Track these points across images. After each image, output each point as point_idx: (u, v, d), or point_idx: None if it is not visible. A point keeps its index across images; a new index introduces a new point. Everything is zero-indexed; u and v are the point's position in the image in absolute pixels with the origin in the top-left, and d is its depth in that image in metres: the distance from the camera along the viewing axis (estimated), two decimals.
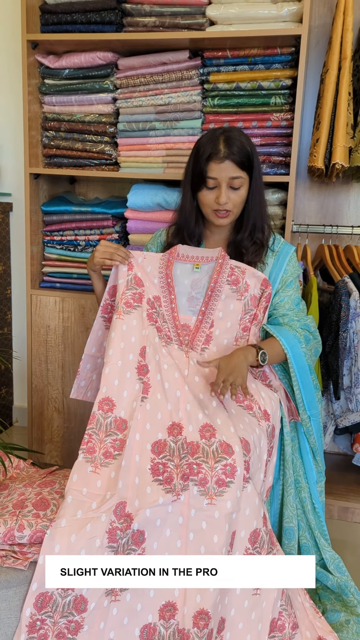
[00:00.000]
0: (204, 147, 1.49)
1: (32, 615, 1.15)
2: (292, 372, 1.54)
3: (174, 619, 1.22)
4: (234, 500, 1.25)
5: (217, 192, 1.50)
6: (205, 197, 1.53)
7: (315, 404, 1.60)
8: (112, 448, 1.33)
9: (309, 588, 1.63)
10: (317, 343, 1.63)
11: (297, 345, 1.53)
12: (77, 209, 2.16)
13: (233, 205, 1.52)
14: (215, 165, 1.47)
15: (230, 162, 1.47)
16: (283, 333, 1.53)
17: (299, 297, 1.64)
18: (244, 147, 1.48)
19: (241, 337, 1.55)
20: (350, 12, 1.79)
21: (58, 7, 2.01)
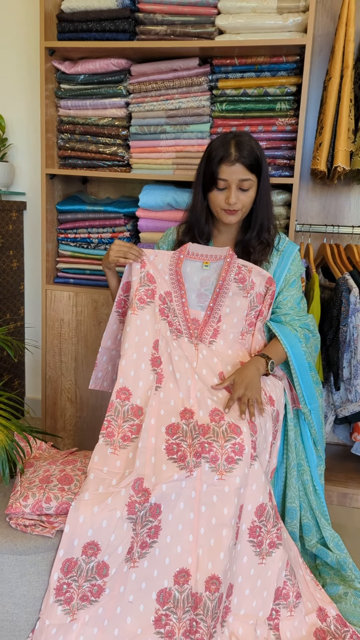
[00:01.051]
0: (216, 151, 1.59)
1: (59, 579, 1.26)
2: (293, 371, 1.64)
3: (188, 584, 1.33)
4: (242, 476, 1.36)
5: (227, 193, 1.60)
6: (216, 198, 1.63)
7: (315, 399, 1.70)
8: (129, 432, 1.44)
9: (309, 563, 1.75)
10: (316, 340, 1.74)
11: (298, 345, 1.64)
12: (91, 208, 2.26)
13: (242, 205, 1.62)
14: (226, 167, 1.57)
15: (241, 165, 1.57)
16: (285, 333, 1.63)
17: (301, 296, 1.74)
18: (254, 151, 1.58)
19: (247, 332, 1.66)
20: (352, 23, 1.90)
21: (74, 16, 2.11)
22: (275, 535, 1.44)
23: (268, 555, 1.43)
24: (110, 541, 1.27)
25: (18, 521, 1.29)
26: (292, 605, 1.47)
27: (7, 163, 2.53)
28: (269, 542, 1.43)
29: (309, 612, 1.50)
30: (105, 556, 1.28)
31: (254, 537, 1.42)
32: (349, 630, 1.47)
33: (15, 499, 1.31)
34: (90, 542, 1.26)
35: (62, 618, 1.26)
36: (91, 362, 2.30)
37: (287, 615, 1.46)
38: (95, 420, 2.35)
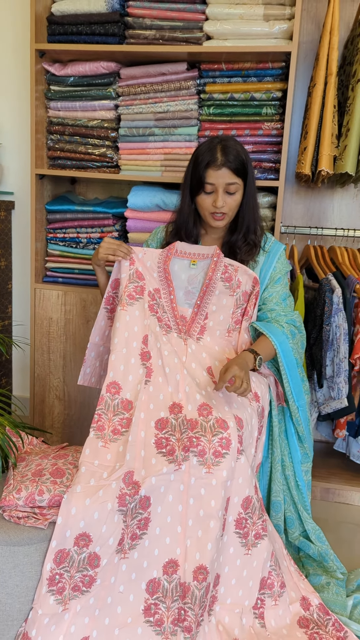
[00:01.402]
0: (203, 155, 1.63)
1: (52, 569, 1.29)
2: (282, 367, 1.68)
3: (176, 574, 1.37)
4: (229, 469, 1.41)
5: (214, 197, 1.64)
6: (203, 201, 1.67)
7: (303, 396, 1.75)
8: (119, 426, 1.47)
9: (293, 555, 1.80)
10: (302, 337, 1.79)
11: (286, 342, 1.68)
12: (80, 208, 2.29)
13: (229, 208, 1.67)
14: (212, 172, 1.62)
15: (227, 169, 1.61)
16: (273, 331, 1.66)
17: (287, 292, 1.79)
18: (240, 155, 1.63)
19: (233, 330, 1.71)
20: (336, 32, 1.95)
21: (64, 19, 2.14)
22: (261, 526, 1.49)
23: (254, 546, 1.48)
24: (101, 532, 1.31)
25: (11, 513, 1.32)
26: (276, 595, 1.51)
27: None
28: (255, 533, 1.48)
29: (292, 601, 1.55)
30: (96, 547, 1.31)
31: (240, 529, 1.46)
32: (331, 618, 1.52)
33: (9, 491, 1.34)
34: (82, 534, 1.30)
35: (54, 608, 1.29)
36: (79, 360, 2.33)
37: (272, 604, 1.51)
38: (83, 418, 2.38)
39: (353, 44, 2.10)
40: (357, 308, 2.06)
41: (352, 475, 2.30)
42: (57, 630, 1.30)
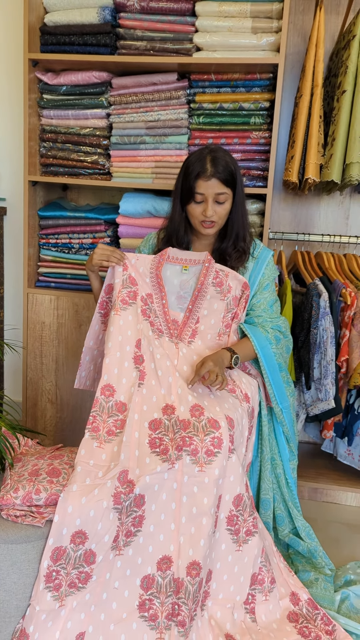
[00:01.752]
0: (193, 166, 1.68)
1: (49, 566, 1.32)
2: (263, 370, 1.73)
3: (170, 570, 1.41)
4: (221, 468, 1.45)
5: (204, 206, 1.70)
6: (193, 210, 1.72)
7: (286, 398, 1.80)
8: (114, 427, 1.51)
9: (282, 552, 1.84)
10: (288, 342, 1.84)
11: (268, 347, 1.73)
12: (72, 214, 2.33)
13: (218, 217, 1.72)
14: (202, 182, 1.67)
15: (216, 180, 1.66)
16: (256, 334, 1.72)
17: (274, 299, 1.84)
18: (229, 166, 1.68)
19: (224, 333, 1.75)
20: (322, 45, 2.02)
21: (57, 29, 2.18)
22: (252, 523, 1.53)
23: (245, 542, 1.52)
24: (97, 530, 1.34)
25: (9, 512, 1.35)
26: (267, 590, 1.56)
27: None
28: (246, 530, 1.52)
29: (282, 596, 1.59)
30: (92, 544, 1.35)
31: (231, 526, 1.51)
32: (320, 612, 1.57)
33: (6, 491, 1.37)
34: (78, 531, 1.33)
35: (51, 604, 1.32)
36: (71, 364, 2.36)
37: (263, 600, 1.55)
38: (75, 421, 2.41)
39: (338, 57, 2.17)
40: (343, 312, 2.12)
41: (339, 475, 2.36)
42: (54, 626, 1.33)
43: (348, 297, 2.09)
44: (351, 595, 1.68)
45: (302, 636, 1.51)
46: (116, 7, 2.14)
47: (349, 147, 2.01)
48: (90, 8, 2.14)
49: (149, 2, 2.10)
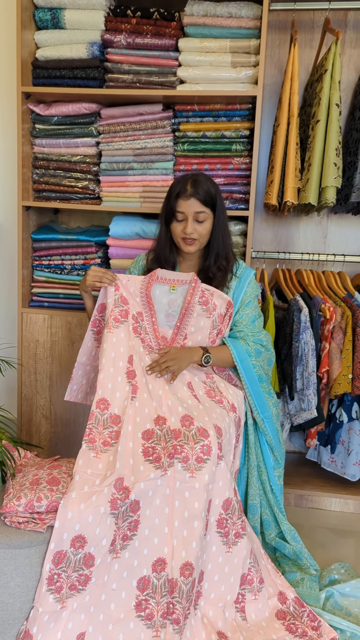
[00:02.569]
0: (175, 187, 1.82)
1: (50, 570, 1.41)
2: (243, 382, 1.85)
3: (164, 571, 1.50)
4: (210, 473, 1.55)
5: (184, 224, 1.82)
6: (175, 228, 1.85)
7: (267, 408, 1.91)
8: (109, 438, 1.61)
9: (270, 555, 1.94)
10: (270, 355, 1.95)
11: (247, 358, 1.85)
12: (64, 237, 2.44)
13: (198, 235, 1.84)
14: (182, 201, 1.80)
15: (195, 199, 1.79)
16: (235, 345, 1.84)
17: (256, 315, 1.96)
18: (208, 188, 1.81)
19: None
20: (296, 78, 2.17)
21: (48, 64, 2.31)
22: (240, 526, 1.63)
23: (234, 544, 1.62)
24: (95, 534, 1.43)
25: (12, 519, 1.44)
26: (256, 590, 1.65)
27: None
28: (235, 532, 1.62)
29: (270, 596, 1.69)
30: (91, 548, 1.43)
31: (221, 528, 1.60)
32: (306, 610, 1.66)
33: (9, 499, 1.45)
34: (77, 536, 1.42)
35: (53, 605, 1.41)
36: (65, 380, 2.46)
37: (252, 599, 1.64)
38: (69, 435, 2.50)
39: (312, 88, 2.32)
40: (323, 326, 2.24)
41: (323, 482, 2.46)
42: (56, 627, 1.41)
43: (327, 312, 2.22)
44: (335, 594, 1.77)
45: (290, 632, 1.60)
46: (104, 43, 2.28)
47: (324, 172, 2.15)
48: (79, 44, 2.28)
49: (134, 38, 2.24)
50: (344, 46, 2.47)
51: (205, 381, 1.79)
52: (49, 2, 2.27)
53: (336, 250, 2.61)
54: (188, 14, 2.21)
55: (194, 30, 2.22)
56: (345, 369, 2.20)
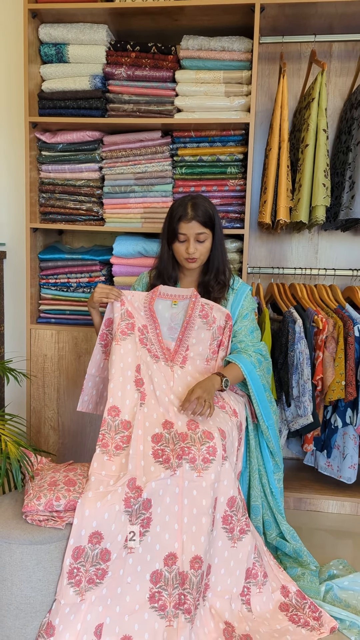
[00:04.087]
0: (176, 211, 1.95)
1: (70, 564, 1.51)
2: (251, 393, 1.95)
3: (175, 565, 1.60)
4: (216, 473, 1.67)
5: (187, 245, 1.96)
6: (178, 249, 1.99)
7: (271, 416, 2.03)
8: (121, 442, 1.72)
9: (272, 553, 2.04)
10: (268, 363, 2.08)
11: (254, 370, 1.97)
12: (69, 256, 2.58)
13: (200, 253, 1.98)
14: (184, 224, 1.94)
15: (196, 222, 1.93)
16: (242, 361, 1.94)
17: (254, 326, 2.09)
18: (207, 210, 1.95)
19: (211, 359, 1.99)
20: (286, 106, 2.34)
21: (53, 95, 2.47)
22: (245, 523, 1.74)
23: (239, 540, 1.73)
24: (111, 530, 1.54)
25: (33, 517, 1.54)
26: (260, 583, 1.76)
27: None
28: (239, 528, 1.73)
29: (274, 590, 1.79)
30: (107, 544, 1.54)
31: (226, 525, 1.71)
32: (307, 602, 1.77)
33: (30, 499, 1.56)
34: (95, 532, 1.53)
35: (73, 598, 1.51)
36: (72, 392, 2.57)
37: (257, 592, 1.75)
38: (77, 446, 2.60)
39: (301, 114, 2.49)
40: (316, 336, 2.38)
41: (321, 486, 2.58)
42: (76, 618, 1.51)
43: (320, 323, 2.36)
44: (334, 587, 1.88)
45: (293, 622, 1.71)
46: (105, 75, 2.44)
47: (314, 192, 2.31)
48: (82, 76, 2.44)
49: (134, 70, 2.40)
50: (329, 75, 2.65)
51: None
52: (54, 38, 2.44)
53: (327, 264, 2.76)
54: (184, 47, 2.38)
55: (189, 63, 2.39)
56: (339, 376, 2.33)
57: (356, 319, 2.37)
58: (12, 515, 1.58)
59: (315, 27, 2.45)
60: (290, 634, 1.66)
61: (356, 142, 2.31)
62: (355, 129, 2.34)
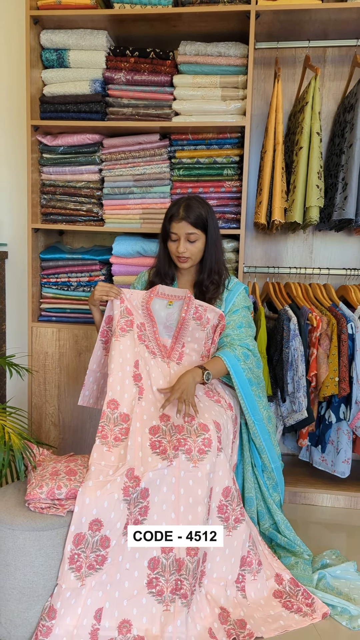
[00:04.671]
0: (170, 210, 2.02)
1: (71, 550, 1.57)
2: (235, 385, 1.98)
3: (172, 552, 1.67)
4: (211, 464, 1.73)
5: (177, 244, 2.03)
6: (170, 247, 2.05)
7: (258, 411, 2.05)
8: (119, 434, 1.79)
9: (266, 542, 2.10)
10: (257, 359, 2.08)
11: (237, 364, 1.99)
12: (70, 256, 2.64)
13: (191, 253, 2.04)
14: (175, 224, 2.00)
15: (186, 222, 1.98)
16: (226, 355, 1.97)
17: (243, 322, 2.09)
18: (200, 212, 1.99)
19: (206, 355, 2.05)
20: (280, 110, 2.40)
21: (54, 99, 2.54)
22: (239, 512, 1.81)
23: (234, 528, 1.79)
24: (110, 518, 1.60)
25: (36, 505, 1.60)
26: (255, 571, 1.82)
27: None
28: (234, 518, 1.79)
29: (268, 577, 1.85)
30: (107, 531, 1.60)
31: (222, 514, 1.77)
32: (300, 589, 1.83)
33: (32, 488, 1.62)
34: (95, 520, 1.59)
35: (74, 583, 1.57)
36: (72, 389, 2.63)
37: (252, 579, 1.81)
38: (77, 441, 2.66)
39: (295, 118, 2.56)
40: (310, 333, 2.44)
41: (315, 480, 2.64)
42: (76, 603, 1.57)
43: (314, 321, 2.42)
44: (327, 576, 1.94)
45: (286, 608, 1.77)
46: (105, 80, 2.51)
47: (308, 193, 2.37)
48: (82, 81, 2.51)
49: (133, 75, 2.47)
50: (323, 79, 2.71)
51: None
52: (55, 44, 2.50)
53: (321, 264, 2.83)
54: (181, 53, 2.45)
55: (187, 68, 2.46)
56: (332, 373, 2.40)
57: (349, 317, 2.43)
58: (16, 503, 1.65)
59: (309, 33, 2.52)
60: (284, 619, 1.72)
61: (349, 144, 2.37)
62: (348, 131, 2.41)
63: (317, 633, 1.69)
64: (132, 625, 1.60)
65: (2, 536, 1.56)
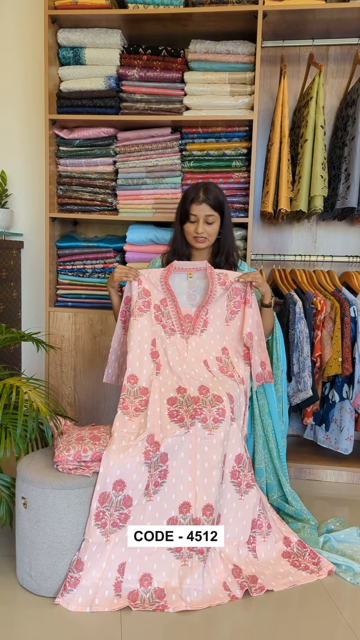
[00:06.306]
0: (189, 194, 2.15)
1: (97, 507, 1.70)
2: (277, 340, 2.26)
3: (189, 512, 1.79)
4: (225, 432, 1.86)
5: (196, 225, 2.15)
6: (188, 228, 2.18)
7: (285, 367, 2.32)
8: (139, 405, 1.91)
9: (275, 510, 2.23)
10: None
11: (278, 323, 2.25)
12: (85, 244, 2.77)
13: (208, 234, 2.17)
14: (195, 206, 2.13)
15: (206, 204, 2.12)
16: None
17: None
18: (217, 195, 2.14)
19: (230, 319, 2.13)
20: (286, 104, 2.53)
21: (71, 95, 2.67)
22: (250, 478, 1.93)
23: (245, 493, 1.92)
24: (132, 479, 1.73)
25: (64, 466, 1.73)
26: (265, 533, 1.95)
27: (8, 209, 3.02)
28: (246, 483, 1.92)
29: (277, 540, 1.98)
30: (129, 491, 1.73)
31: (234, 479, 1.90)
32: (307, 549, 1.96)
33: (60, 451, 1.75)
34: (118, 480, 1.72)
35: (100, 538, 1.69)
36: (88, 371, 2.76)
37: (262, 541, 1.94)
38: (92, 421, 2.79)
39: (300, 112, 2.69)
40: (315, 317, 2.57)
41: (319, 457, 2.77)
42: (102, 557, 1.70)
43: (318, 304, 2.55)
44: (332, 539, 2.07)
45: (294, 567, 1.90)
46: (119, 76, 2.64)
47: (312, 183, 2.50)
48: (98, 77, 2.64)
49: (146, 72, 2.60)
50: (326, 76, 2.84)
51: (220, 357, 2.08)
52: (72, 42, 2.63)
53: (325, 252, 2.96)
54: (192, 51, 2.58)
55: (197, 65, 2.59)
56: (336, 353, 2.53)
57: (352, 300, 2.56)
58: (44, 465, 1.78)
59: (313, 32, 2.65)
60: (292, 575, 1.85)
61: (351, 137, 2.50)
62: (350, 125, 2.54)
63: (324, 588, 1.81)
64: (153, 578, 1.73)
65: (33, 495, 1.69)
